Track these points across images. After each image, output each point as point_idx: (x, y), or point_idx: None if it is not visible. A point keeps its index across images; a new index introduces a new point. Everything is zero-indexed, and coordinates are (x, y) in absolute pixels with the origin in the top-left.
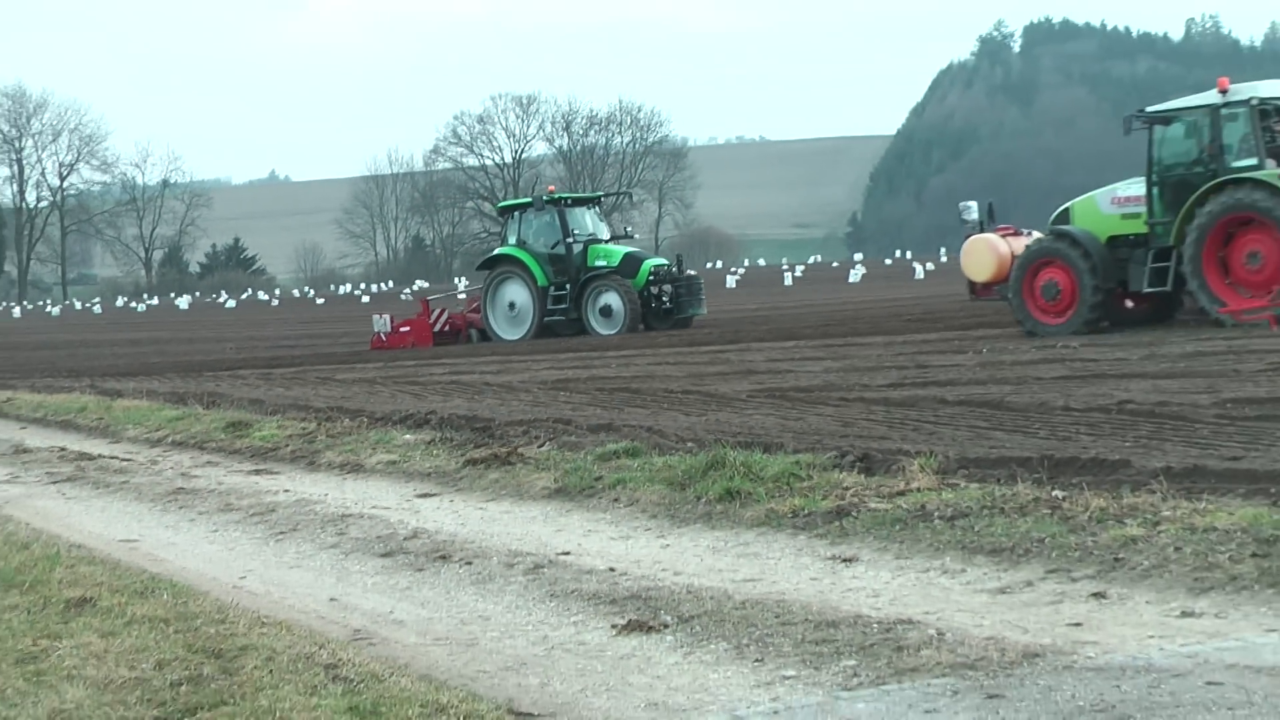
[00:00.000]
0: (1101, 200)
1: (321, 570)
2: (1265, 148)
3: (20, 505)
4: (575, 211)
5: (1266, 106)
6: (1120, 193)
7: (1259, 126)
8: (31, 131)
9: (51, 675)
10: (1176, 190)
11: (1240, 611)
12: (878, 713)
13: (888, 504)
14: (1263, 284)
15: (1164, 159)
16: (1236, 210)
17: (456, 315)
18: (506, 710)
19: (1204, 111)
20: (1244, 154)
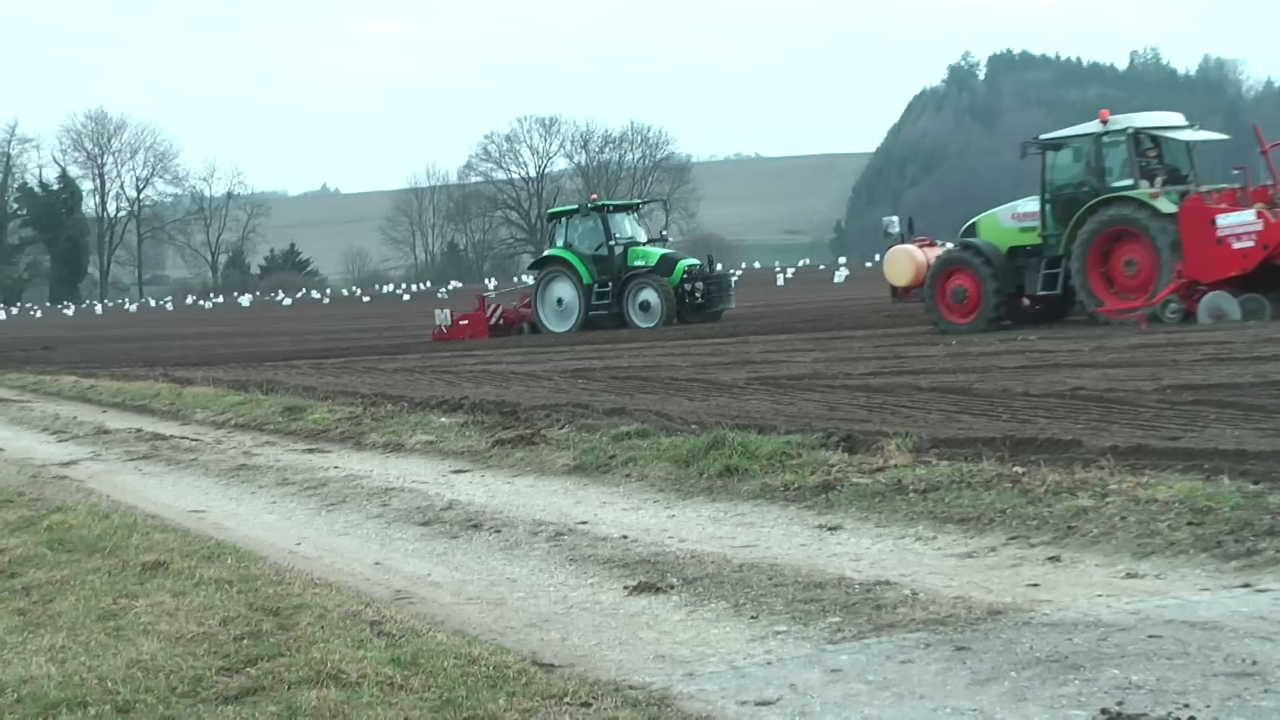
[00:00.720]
0: (1002, 216)
1: (367, 538)
2: (1140, 170)
3: (102, 480)
4: (616, 217)
5: (1141, 135)
6: (1018, 209)
7: (1134, 152)
8: (112, 150)
9: (129, 630)
10: (1065, 207)
11: (1178, 573)
12: (859, 663)
13: (868, 479)
14: (1139, 288)
15: (1055, 180)
16: (1115, 224)
17: (510, 310)
18: (531, 662)
19: (1088, 139)
20: (1122, 175)
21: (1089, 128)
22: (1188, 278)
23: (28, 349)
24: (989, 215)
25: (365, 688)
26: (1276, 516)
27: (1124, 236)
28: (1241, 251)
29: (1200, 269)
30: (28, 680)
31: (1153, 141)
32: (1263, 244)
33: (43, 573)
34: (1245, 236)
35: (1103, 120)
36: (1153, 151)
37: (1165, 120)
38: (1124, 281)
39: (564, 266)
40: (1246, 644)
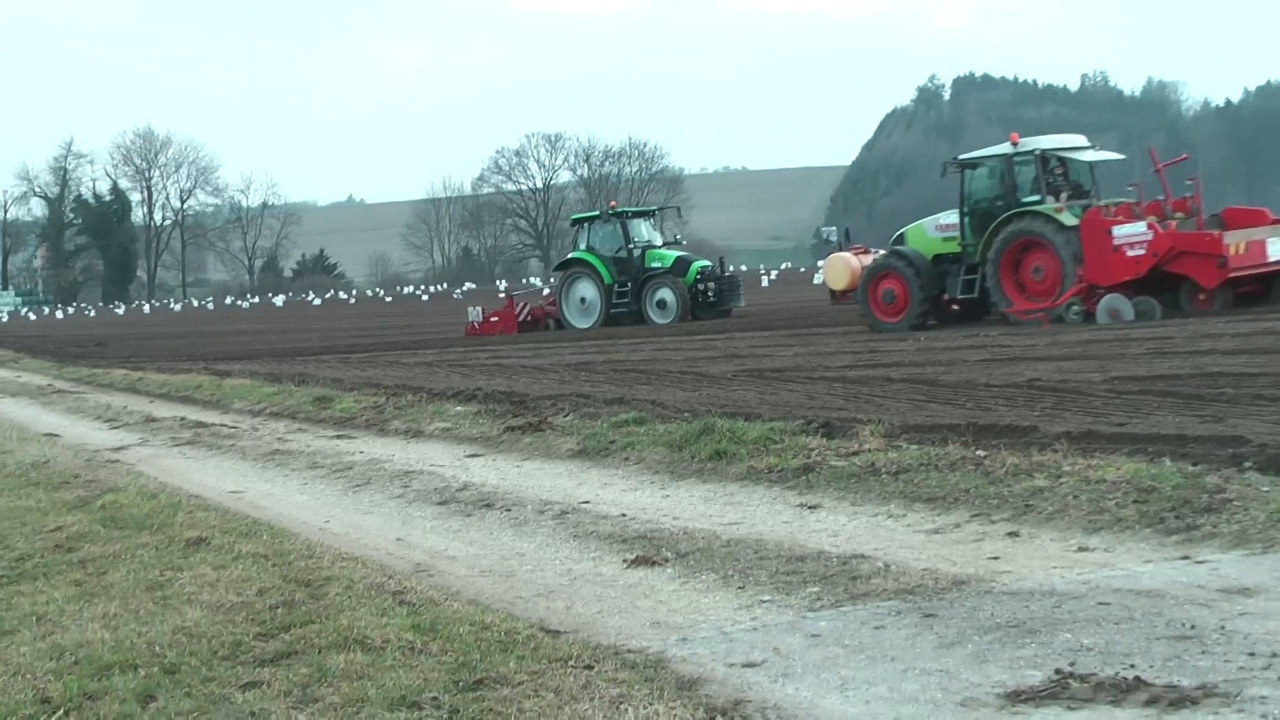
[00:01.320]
0: (927, 227)
1: (389, 516)
2: (1046, 186)
3: (149, 463)
4: (634, 222)
5: (1048, 155)
6: (941, 221)
7: (1042, 171)
8: (158, 164)
9: (175, 599)
10: (981, 219)
11: (1124, 547)
12: (837, 629)
13: (845, 462)
14: (1045, 291)
15: (972, 195)
16: (1024, 235)
17: (536, 307)
18: (539, 628)
19: (1001, 159)
20: (1031, 192)
21: (1002, 149)
22: (1088, 282)
23: (83, 345)
24: (915, 226)
25: (388, 652)
26: (1213, 495)
27: (1032, 246)
28: (1135, 259)
29: (1099, 274)
30: (84, 644)
31: (1059, 161)
32: (1153, 252)
33: (97, 547)
34: (1138, 245)
35: (1013, 142)
36: (1059, 170)
37: (1069, 142)
38: (1033, 286)
39: (586, 268)
40: (1186, 610)
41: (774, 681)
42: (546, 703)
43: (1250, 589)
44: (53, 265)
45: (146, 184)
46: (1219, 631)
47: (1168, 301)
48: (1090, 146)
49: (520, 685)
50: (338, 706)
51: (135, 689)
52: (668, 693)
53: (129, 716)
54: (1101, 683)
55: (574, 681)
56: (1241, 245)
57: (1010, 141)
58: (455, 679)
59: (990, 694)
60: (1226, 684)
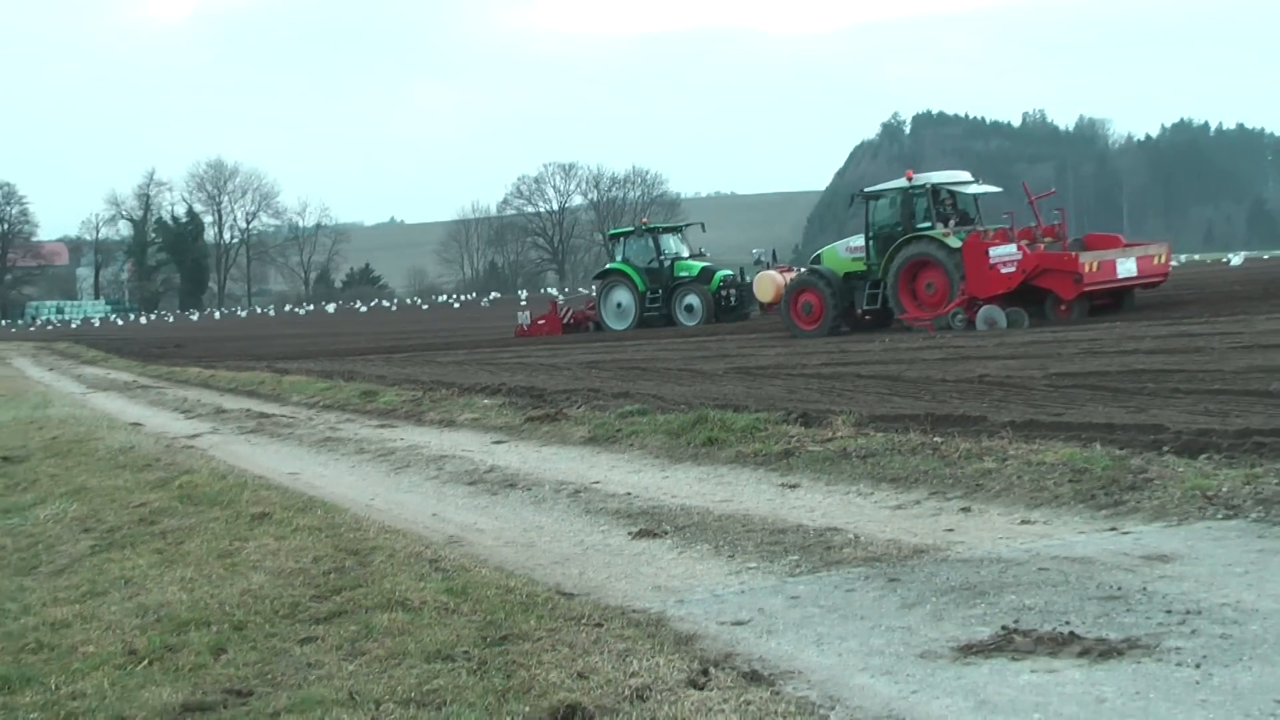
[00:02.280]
0: (839, 249)
1: (426, 494)
2: (937, 215)
3: (219, 449)
4: (665, 237)
5: (938, 188)
6: (851, 244)
7: (933, 202)
8: (227, 190)
9: (242, 566)
10: (884, 243)
11: (1061, 520)
12: (813, 592)
13: (820, 447)
14: (936, 303)
15: (876, 222)
16: (919, 256)
17: (578, 311)
18: (555, 591)
19: (899, 192)
20: (924, 219)
21: (900, 183)
22: (969, 295)
23: (162, 347)
24: (829, 248)
25: (425, 611)
26: (1137, 475)
27: (925, 265)
28: (1007, 275)
29: (978, 288)
30: (164, 604)
31: (948, 194)
32: (1022, 270)
33: (175, 521)
34: (1010, 264)
35: (909, 178)
36: (948, 201)
37: (956, 177)
38: (926, 298)
39: (622, 277)
40: (1113, 574)
41: (759, 637)
42: (562, 655)
43: (1168, 556)
44: (137, 278)
45: (217, 208)
46: (1141, 592)
47: (1035, 312)
48: (974, 181)
49: (539, 640)
50: (382, 658)
51: (208, 643)
52: (667, 647)
53: (203, 666)
54: (1041, 637)
55: (586, 637)
56: (1095, 264)
57: (906, 177)
58: (483, 635)
59: (946, 647)
60: (1148, 637)
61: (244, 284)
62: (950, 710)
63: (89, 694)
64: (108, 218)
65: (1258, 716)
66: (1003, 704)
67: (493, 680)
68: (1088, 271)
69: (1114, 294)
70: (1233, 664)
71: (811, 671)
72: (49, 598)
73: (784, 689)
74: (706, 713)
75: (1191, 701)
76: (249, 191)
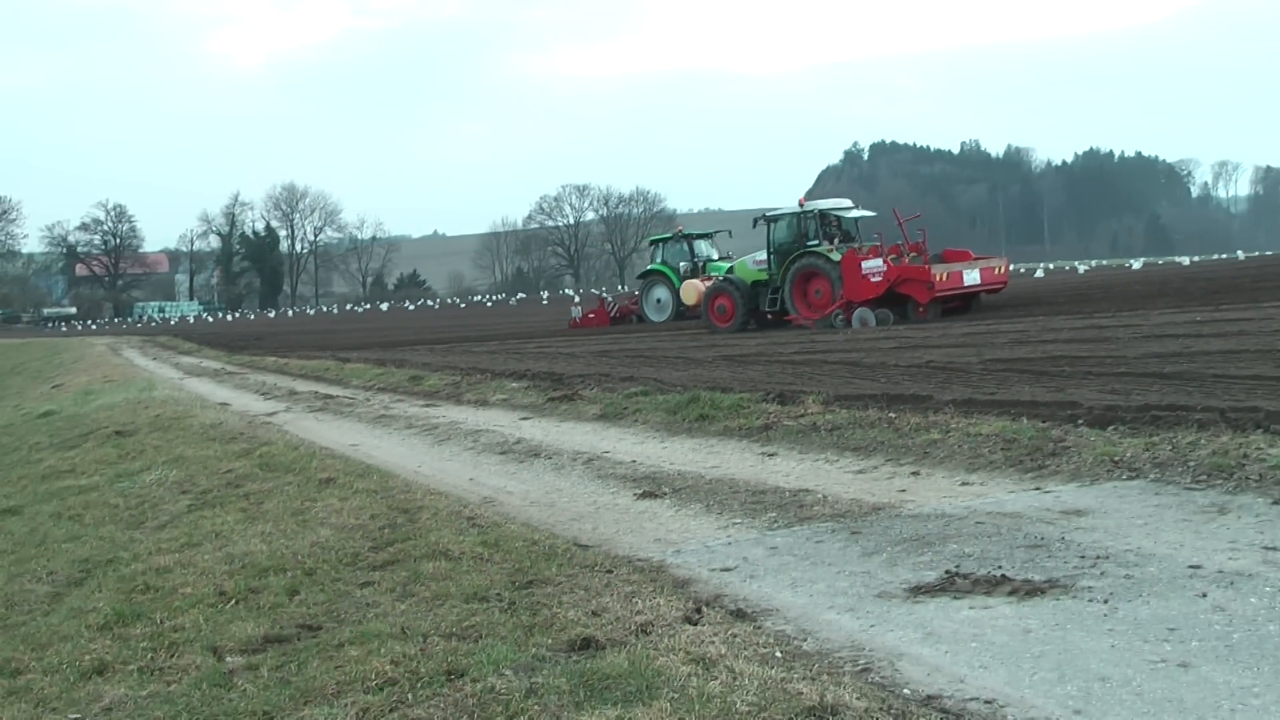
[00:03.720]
0: (748, 261)
1: (464, 462)
2: (823, 234)
3: (292, 424)
4: (698, 242)
5: (824, 213)
6: (757, 258)
7: (820, 224)
8: (298, 209)
9: (312, 522)
10: (782, 257)
11: (995, 482)
12: (789, 543)
13: (794, 422)
14: (823, 306)
15: (775, 240)
16: (809, 267)
17: (623, 306)
18: (573, 543)
19: (793, 215)
20: (814, 238)
21: (793, 208)
22: (846, 299)
23: (245, 340)
24: (741, 261)
25: (464, 560)
26: (1057, 444)
27: (814, 274)
28: (876, 284)
29: (853, 294)
30: (248, 554)
31: (833, 217)
32: (887, 279)
33: (256, 484)
34: (878, 275)
35: (801, 204)
36: (833, 223)
37: (839, 204)
38: (815, 302)
39: (661, 277)
40: (1037, 527)
41: (744, 581)
42: (579, 597)
43: (1082, 510)
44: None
45: (290, 223)
46: (1060, 541)
47: (899, 313)
48: (854, 207)
49: (559, 584)
50: (428, 600)
51: (284, 585)
52: (667, 589)
53: (281, 605)
54: (978, 579)
55: (599, 582)
56: (944, 275)
57: (799, 204)
58: (512, 580)
59: (899, 589)
60: (1065, 578)
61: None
62: (903, 640)
63: (187, 627)
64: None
65: (1154, 641)
66: (946, 635)
67: (520, 617)
68: (938, 280)
69: (963, 298)
70: (1134, 599)
71: (787, 609)
72: (154, 548)
73: (764, 624)
74: (700, 644)
75: (1100, 631)
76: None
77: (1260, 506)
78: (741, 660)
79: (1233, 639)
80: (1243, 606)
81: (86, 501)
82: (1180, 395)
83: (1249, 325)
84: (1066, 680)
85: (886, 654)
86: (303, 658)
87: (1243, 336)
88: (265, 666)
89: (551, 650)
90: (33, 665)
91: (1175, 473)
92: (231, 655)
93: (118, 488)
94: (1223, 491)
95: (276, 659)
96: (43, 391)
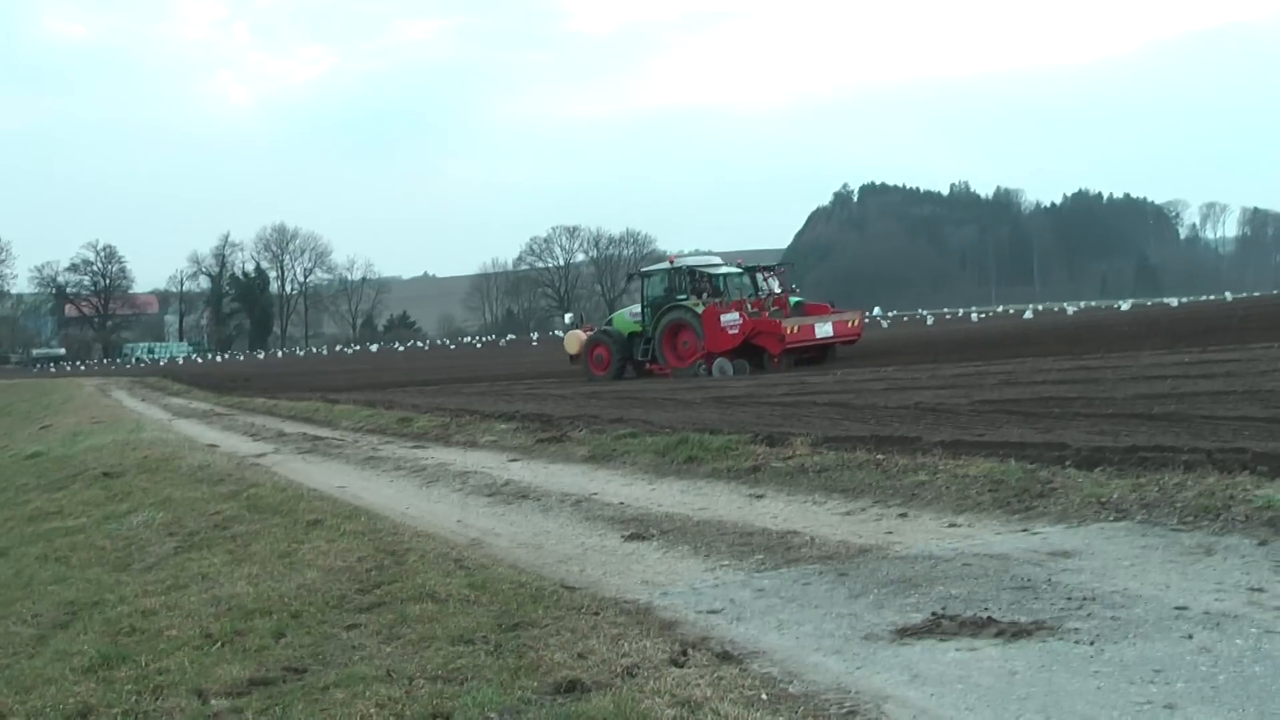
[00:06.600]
0: (625, 314)
1: (452, 504)
2: (692, 289)
3: (281, 466)
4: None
5: (693, 269)
6: (633, 310)
7: (688, 279)
8: (288, 250)
9: (299, 564)
10: (654, 309)
11: (982, 524)
12: (776, 585)
13: (782, 463)
14: (690, 356)
15: (649, 294)
16: (677, 320)
17: None
18: (560, 585)
19: (665, 271)
20: (682, 292)
21: (665, 265)
22: (708, 350)
23: (234, 381)
24: (619, 314)
25: (451, 602)
26: (1044, 485)
27: (682, 327)
28: (733, 336)
29: (713, 345)
30: (234, 596)
31: (703, 274)
32: (743, 332)
33: (243, 526)
34: (734, 328)
35: (671, 261)
36: (703, 279)
37: (708, 260)
38: (683, 352)
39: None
40: (1024, 568)
41: (731, 623)
42: (565, 639)
43: (1069, 552)
44: (214, 323)
45: (280, 265)
46: (1047, 583)
47: (755, 363)
48: (721, 264)
49: (547, 626)
50: (414, 642)
51: (271, 628)
52: (653, 631)
53: (266, 648)
54: (965, 621)
55: (585, 624)
56: (795, 328)
57: (669, 261)
58: (499, 622)
59: (886, 630)
60: (1052, 620)
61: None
62: (889, 683)
63: (173, 670)
64: (190, 273)
65: (1140, 684)
66: (932, 677)
67: (507, 660)
68: (789, 333)
69: (819, 349)
70: (1120, 641)
71: (774, 652)
72: (140, 590)
73: (751, 666)
74: (685, 686)
75: (1087, 673)
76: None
77: (1246, 548)
78: (727, 703)
79: (1218, 680)
80: (1228, 648)
81: (73, 543)
82: (1168, 436)
83: (1236, 366)
84: None
85: (873, 696)
86: (288, 701)
87: (1230, 378)
88: (250, 710)
89: (537, 693)
90: (16, 709)
91: (1162, 514)
92: (217, 698)
93: (105, 529)
94: (1209, 533)
95: (262, 702)
96: (31, 433)
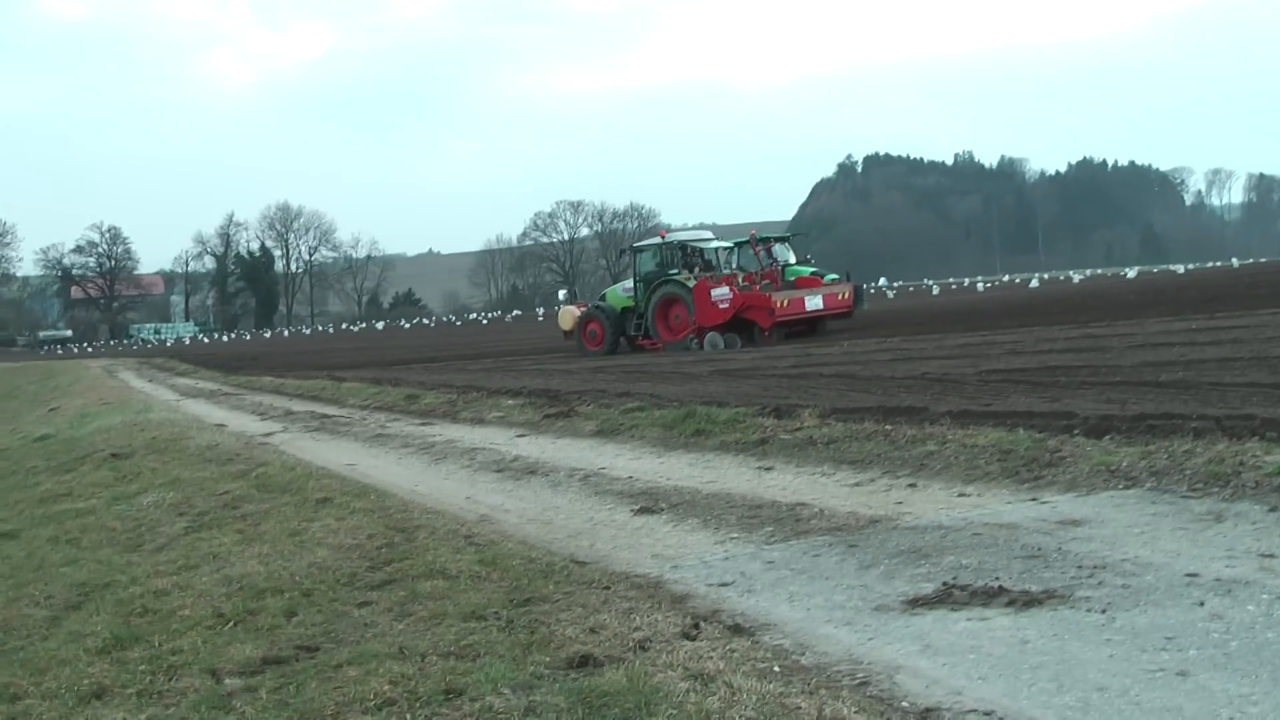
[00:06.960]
0: (618, 289)
1: (461, 480)
2: (683, 264)
3: (289, 445)
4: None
5: (685, 244)
6: (626, 285)
7: (679, 254)
8: (293, 229)
9: (309, 542)
10: (647, 284)
11: (991, 493)
12: (786, 557)
13: (790, 436)
14: (682, 330)
15: (641, 269)
16: (669, 295)
17: None
18: (570, 560)
19: (656, 247)
20: (673, 267)
21: (656, 241)
22: (699, 324)
23: (241, 360)
24: (612, 289)
25: (461, 579)
26: (1053, 454)
27: (674, 301)
28: (723, 310)
29: (704, 320)
30: (246, 575)
31: (694, 248)
32: (733, 306)
33: (253, 505)
34: (725, 302)
35: (662, 236)
36: (694, 254)
37: (699, 235)
38: (675, 327)
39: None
40: (1034, 537)
41: (741, 596)
42: (576, 614)
43: (1079, 520)
44: (220, 303)
45: (285, 243)
46: (1057, 552)
47: (746, 336)
48: (713, 239)
49: (557, 602)
50: (425, 619)
51: (282, 607)
52: (664, 605)
53: (278, 626)
54: (975, 591)
55: (596, 599)
56: (785, 301)
57: (660, 236)
58: (510, 598)
59: (896, 601)
60: (1063, 588)
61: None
62: (900, 653)
63: (185, 650)
64: (195, 253)
65: (1152, 651)
66: (944, 647)
67: (518, 635)
68: (779, 307)
69: (809, 322)
70: (1132, 609)
71: (785, 624)
72: (152, 570)
73: (762, 639)
74: (698, 659)
75: (1098, 640)
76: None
77: (1257, 514)
78: (739, 675)
79: (1230, 647)
80: (1240, 614)
81: (84, 525)
82: (1176, 404)
83: (1244, 333)
84: (1065, 690)
85: (884, 667)
86: (301, 679)
87: (1237, 344)
88: (264, 688)
89: (549, 668)
90: (31, 690)
91: (1172, 481)
92: (230, 677)
93: (115, 511)
94: (1219, 499)
95: (275, 680)
96: (39, 415)
